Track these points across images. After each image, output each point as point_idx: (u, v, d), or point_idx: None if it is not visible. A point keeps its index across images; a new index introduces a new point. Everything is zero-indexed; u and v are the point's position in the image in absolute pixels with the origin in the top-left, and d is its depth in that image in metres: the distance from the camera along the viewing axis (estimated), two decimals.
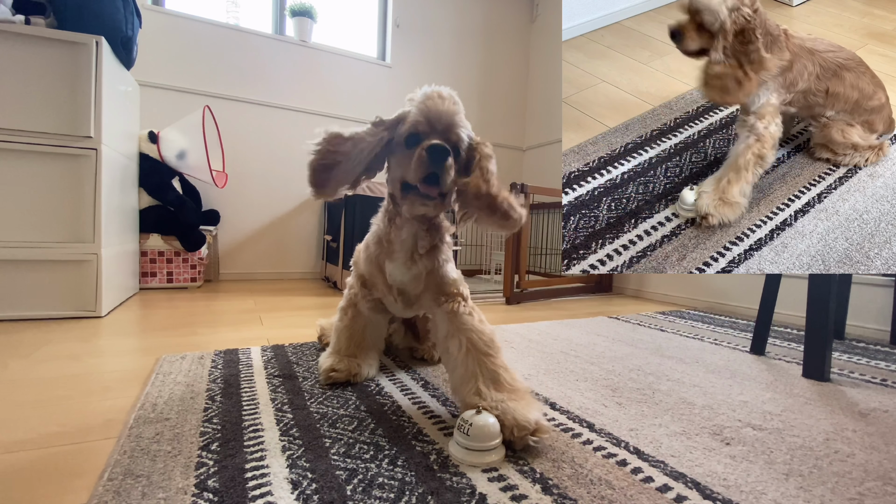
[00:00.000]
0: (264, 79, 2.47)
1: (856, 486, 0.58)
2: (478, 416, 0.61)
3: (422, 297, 0.83)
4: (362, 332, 0.91)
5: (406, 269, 0.81)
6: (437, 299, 0.80)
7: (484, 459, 0.59)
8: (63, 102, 1.34)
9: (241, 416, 0.70)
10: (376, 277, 0.86)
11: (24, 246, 1.32)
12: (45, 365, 0.94)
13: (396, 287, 0.83)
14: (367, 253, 0.88)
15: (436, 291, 0.81)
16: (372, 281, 0.88)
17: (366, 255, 0.88)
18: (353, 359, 0.88)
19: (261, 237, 2.52)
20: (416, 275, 0.81)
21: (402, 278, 0.81)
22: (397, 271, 0.81)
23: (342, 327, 0.91)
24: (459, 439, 0.60)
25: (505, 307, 1.93)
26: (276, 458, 0.58)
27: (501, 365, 0.71)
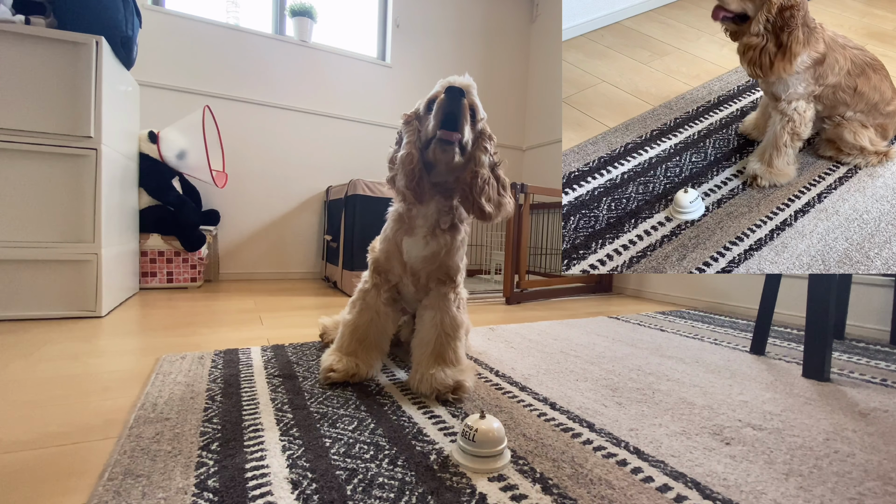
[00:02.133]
0: (264, 79, 2.47)
1: (856, 486, 0.58)
2: (482, 420, 0.59)
3: (430, 279, 0.89)
4: (367, 327, 0.90)
5: (425, 244, 0.86)
6: (440, 282, 0.89)
7: (492, 466, 0.57)
8: (63, 102, 1.34)
9: (241, 416, 0.70)
10: (393, 257, 0.89)
11: (25, 246, 1.32)
12: (45, 365, 0.94)
13: (410, 266, 0.88)
14: (384, 234, 0.92)
15: (444, 274, 0.88)
16: (387, 264, 0.91)
17: (383, 236, 0.92)
18: (352, 357, 0.87)
19: (261, 237, 2.52)
20: (433, 251, 0.86)
21: (419, 253, 0.86)
22: (415, 247, 0.87)
23: (347, 322, 0.91)
24: (465, 446, 0.59)
25: (505, 307, 1.93)
26: (276, 458, 0.58)
27: (453, 347, 0.86)
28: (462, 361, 0.86)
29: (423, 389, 0.82)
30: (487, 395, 0.85)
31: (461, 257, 0.91)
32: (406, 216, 0.87)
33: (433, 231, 0.86)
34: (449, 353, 0.84)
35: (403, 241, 0.87)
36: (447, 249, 0.87)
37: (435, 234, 0.86)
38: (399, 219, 0.89)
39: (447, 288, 0.88)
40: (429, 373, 0.82)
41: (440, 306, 0.87)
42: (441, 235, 0.86)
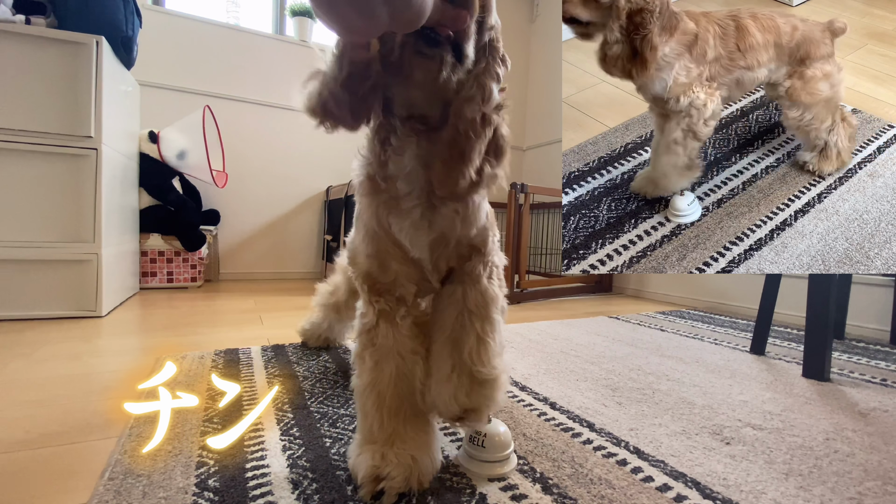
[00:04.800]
0: (264, 79, 2.47)
1: (856, 485, 0.58)
2: (488, 425, 0.58)
3: (449, 261, 0.58)
4: (395, 388, 0.55)
5: (426, 224, 0.54)
6: (463, 258, 0.58)
7: (500, 471, 0.56)
8: (63, 102, 1.34)
9: (241, 416, 0.70)
10: (390, 257, 0.56)
11: (25, 246, 1.32)
12: (46, 365, 0.94)
13: (420, 261, 0.56)
14: (360, 225, 0.58)
15: (465, 248, 0.58)
16: (385, 274, 0.56)
17: (359, 230, 0.59)
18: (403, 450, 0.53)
19: (261, 237, 2.52)
20: (441, 230, 0.55)
21: (423, 239, 0.55)
22: (412, 230, 0.54)
23: (362, 389, 0.56)
24: (473, 452, 0.57)
25: None
26: (276, 457, 0.58)
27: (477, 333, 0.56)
28: (492, 361, 0.55)
29: (431, 409, 0.57)
30: None
31: (488, 219, 0.60)
32: (378, 176, 0.53)
33: (428, 198, 0.53)
34: (470, 343, 0.54)
35: (393, 225, 0.54)
36: (461, 217, 0.55)
37: (433, 205, 0.53)
38: (372, 188, 0.54)
39: (474, 262, 0.58)
40: (437, 385, 0.55)
41: (465, 280, 0.57)
42: (442, 205, 0.54)
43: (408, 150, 0.52)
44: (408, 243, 0.54)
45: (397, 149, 0.52)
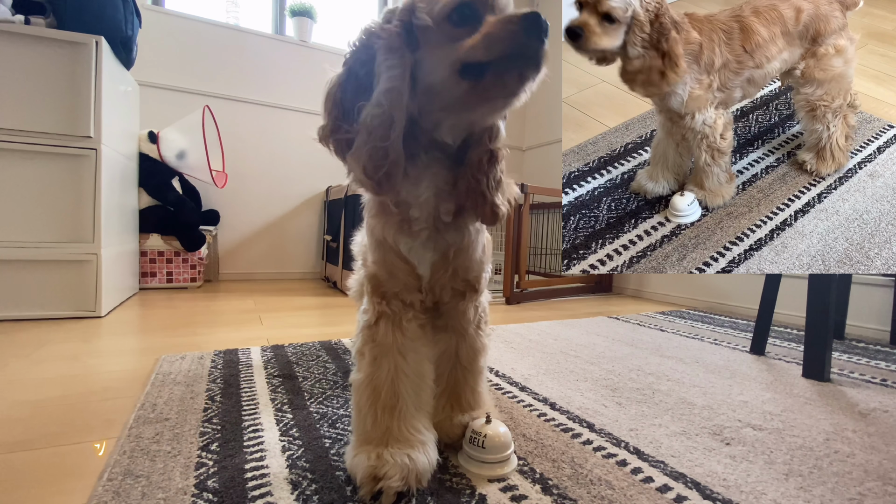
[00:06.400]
0: (264, 79, 2.47)
1: (856, 486, 0.58)
2: (489, 425, 0.58)
3: (444, 291, 0.62)
4: (392, 384, 0.57)
5: (433, 246, 0.58)
6: (458, 293, 0.63)
7: (500, 472, 0.57)
8: (63, 102, 1.34)
9: (240, 416, 0.70)
10: (398, 270, 0.59)
11: (25, 246, 1.32)
12: (45, 365, 0.94)
13: (424, 279, 0.60)
14: (371, 235, 0.61)
15: (461, 281, 0.62)
16: (393, 283, 0.60)
17: (371, 238, 0.61)
18: (399, 450, 0.53)
19: (261, 237, 2.52)
20: (442, 252, 0.59)
21: (428, 259, 0.59)
22: (420, 251, 0.58)
23: (360, 384, 0.57)
24: (473, 453, 0.58)
25: (505, 307, 1.93)
26: (275, 458, 0.58)
27: (471, 385, 0.66)
28: (481, 401, 0.66)
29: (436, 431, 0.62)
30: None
31: (483, 253, 0.65)
32: (392, 202, 0.57)
33: (434, 224, 0.57)
34: (466, 393, 0.65)
35: (401, 244, 0.58)
36: (461, 247, 0.60)
37: (438, 229, 0.58)
38: (382, 210, 0.58)
39: (467, 302, 0.64)
40: (437, 421, 0.63)
41: (457, 327, 0.64)
42: (446, 230, 0.58)
43: (425, 180, 0.55)
44: (416, 261, 0.59)
45: (414, 178, 0.55)
